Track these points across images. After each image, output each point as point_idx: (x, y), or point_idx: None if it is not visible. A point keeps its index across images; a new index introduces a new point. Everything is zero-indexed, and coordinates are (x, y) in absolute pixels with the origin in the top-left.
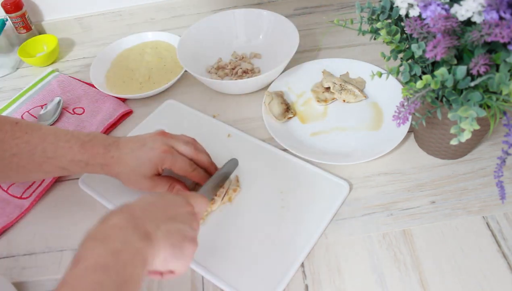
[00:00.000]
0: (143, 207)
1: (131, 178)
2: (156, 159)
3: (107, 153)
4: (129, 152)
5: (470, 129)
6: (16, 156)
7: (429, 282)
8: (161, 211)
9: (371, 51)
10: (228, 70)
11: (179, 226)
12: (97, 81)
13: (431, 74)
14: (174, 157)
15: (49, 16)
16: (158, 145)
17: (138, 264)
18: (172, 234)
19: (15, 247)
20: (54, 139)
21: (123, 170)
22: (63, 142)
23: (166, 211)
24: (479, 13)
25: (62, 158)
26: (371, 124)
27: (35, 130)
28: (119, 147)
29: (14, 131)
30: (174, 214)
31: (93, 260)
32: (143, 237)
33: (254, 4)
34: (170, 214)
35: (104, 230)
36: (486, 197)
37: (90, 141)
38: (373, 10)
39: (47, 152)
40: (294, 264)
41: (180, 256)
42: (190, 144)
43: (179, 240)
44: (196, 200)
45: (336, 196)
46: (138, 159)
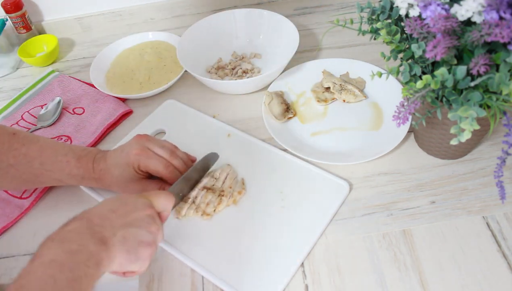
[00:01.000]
0: (102, 213)
1: (120, 186)
2: (132, 161)
3: (97, 167)
4: (112, 161)
5: (470, 129)
6: (13, 167)
7: (429, 282)
8: (120, 217)
9: (371, 51)
10: (228, 70)
11: (136, 231)
12: (97, 81)
13: (431, 74)
14: (147, 158)
15: (49, 16)
16: (133, 148)
17: (91, 265)
18: (127, 240)
19: (15, 247)
20: (52, 153)
21: (111, 181)
22: (61, 156)
23: (124, 216)
24: (479, 13)
25: (59, 172)
26: (371, 124)
27: (33, 143)
28: (105, 159)
29: (11, 143)
30: (132, 220)
31: (49, 257)
32: (99, 242)
33: (254, 4)
34: (128, 219)
35: (62, 233)
36: (486, 197)
37: (86, 157)
38: (373, 10)
39: (45, 165)
40: (294, 264)
41: (135, 260)
42: (166, 148)
43: (134, 246)
44: (159, 199)
45: (336, 196)
46: (119, 165)
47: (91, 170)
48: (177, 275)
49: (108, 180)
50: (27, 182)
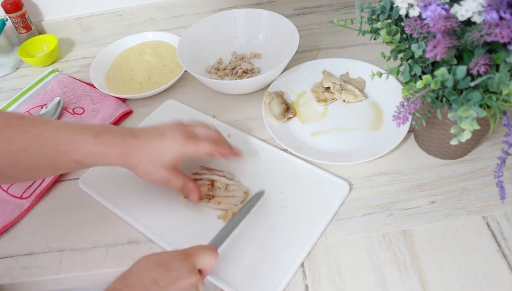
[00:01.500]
0: (143, 285)
1: (148, 168)
2: (179, 149)
3: (123, 142)
4: (148, 141)
5: (470, 129)
6: (25, 151)
7: (429, 282)
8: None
9: (371, 51)
10: (228, 70)
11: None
12: (97, 81)
13: (431, 74)
14: (196, 142)
15: (49, 16)
16: (179, 135)
17: None
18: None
19: (15, 247)
20: (67, 132)
21: (142, 159)
22: (76, 135)
23: (167, 288)
24: (479, 13)
25: (77, 151)
26: (371, 124)
27: (44, 124)
28: (136, 136)
29: (21, 126)
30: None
31: None
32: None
33: (254, 4)
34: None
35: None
36: (486, 197)
37: (104, 132)
38: (373, 10)
39: (60, 145)
40: (294, 264)
41: None
42: (209, 128)
43: None
44: (205, 259)
45: (336, 196)
46: (159, 147)
47: (114, 144)
48: None
49: (137, 158)
50: (42, 168)
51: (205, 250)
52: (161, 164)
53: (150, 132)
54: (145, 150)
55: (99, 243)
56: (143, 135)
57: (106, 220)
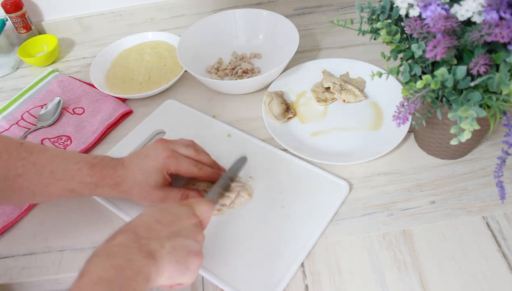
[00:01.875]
0: (148, 225)
1: (141, 192)
2: (161, 165)
3: (114, 173)
4: (134, 166)
5: (470, 129)
6: (21, 176)
7: (429, 282)
8: (166, 227)
9: (371, 51)
10: (228, 70)
11: (183, 241)
12: (97, 81)
13: (431, 74)
14: (178, 160)
15: (49, 16)
16: (160, 151)
17: (140, 281)
18: (176, 251)
19: (15, 247)
20: (63, 161)
21: (132, 186)
22: (72, 164)
23: (170, 226)
24: (479, 13)
25: (71, 180)
26: (371, 124)
27: (42, 152)
28: (124, 164)
29: (19, 152)
30: (179, 229)
31: (97, 274)
32: (147, 255)
33: (254, 4)
34: (175, 229)
35: (109, 247)
36: (486, 197)
37: (99, 164)
38: (373, 10)
39: (55, 173)
40: (294, 264)
41: (185, 271)
42: (190, 147)
43: (183, 256)
44: (202, 208)
45: (336, 196)
46: (144, 170)
47: (107, 176)
48: None
49: (127, 186)
50: (36, 194)
51: (201, 200)
52: (150, 185)
53: (136, 157)
54: (133, 176)
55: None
56: (130, 162)
57: (106, 220)
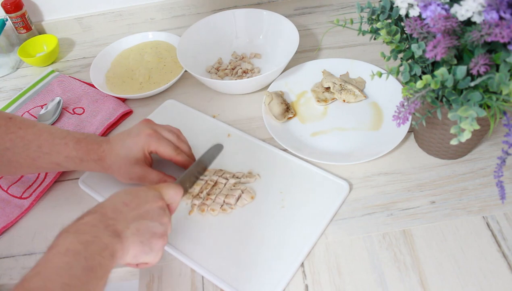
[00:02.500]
0: (115, 206)
1: (121, 168)
2: (142, 142)
3: (99, 148)
4: (118, 142)
5: (470, 129)
6: (10, 150)
7: (429, 282)
8: (132, 209)
9: (371, 51)
10: (228, 70)
11: (148, 223)
12: (97, 81)
13: (431, 74)
14: (159, 140)
15: (49, 16)
16: (143, 129)
17: (106, 256)
18: (140, 233)
19: (15, 247)
20: (50, 136)
21: (114, 161)
22: (59, 139)
23: (137, 209)
24: (479, 13)
25: (57, 154)
26: (371, 124)
27: (30, 127)
28: (109, 141)
29: (8, 127)
30: (145, 212)
31: (64, 247)
32: (113, 234)
33: (254, 4)
34: (141, 212)
35: (77, 225)
36: (486, 197)
37: (85, 139)
38: (373, 10)
39: (42, 147)
40: (294, 264)
41: (149, 252)
42: (174, 133)
43: (147, 238)
44: (169, 192)
45: (336, 196)
46: (126, 146)
47: (91, 151)
48: (177, 275)
49: (110, 161)
50: (23, 166)
51: (169, 184)
52: (130, 159)
53: (120, 134)
54: (116, 151)
55: None
56: (114, 139)
57: None
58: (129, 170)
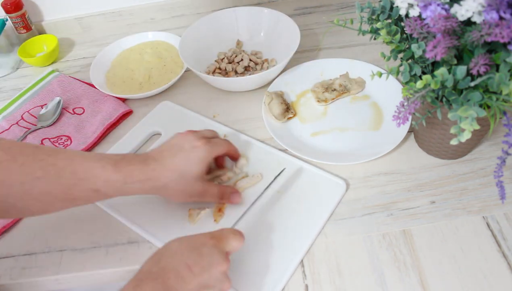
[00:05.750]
0: (178, 272)
1: (180, 185)
2: (204, 154)
3: (146, 167)
4: (172, 158)
5: (470, 129)
6: (41, 180)
7: (429, 282)
8: (195, 276)
9: (371, 51)
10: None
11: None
12: (97, 81)
13: (431, 74)
14: (216, 144)
15: (49, 16)
16: (197, 141)
17: None
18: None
19: (15, 247)
20: (84, 160)
21: (172, 178)
22: (94, 162)
23: (200, 275)
24: (479, 13)
25: (95, 179)
26: (371, 124)
27: (60, 153)
28: (156, 158)
29: (36, 154)
30: (207, 279)
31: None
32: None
33: (254, 4)
34: (204, 280)
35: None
36: (486, 197)
37: (123, 160)
38: (373, 10)
39: (77, 173)
40: (292, 263)
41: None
42: (211, 131)
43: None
44: (232, 243)
45: (333, 195)
46: (186, 161)
47: (136, 171)
48: None
49: (165, 179)
50: (56, 198)
51: (233, 234)
52: (193, 177)
53: (168, 149)
54: (172, 168)
55: (99, 243)
56: (162, 155)
57: (106, 220)
58: (190, 186)
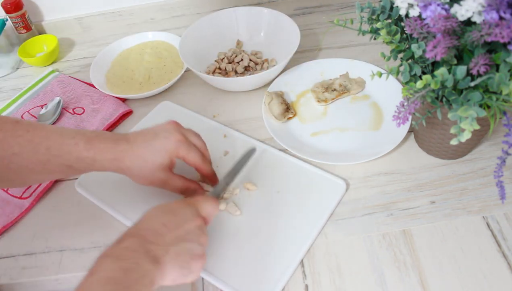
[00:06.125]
0: (155, 229)
1: (143, 171)
2: (171, 147)
3: (116, 147)
4: (141, 143)
5: (470, 129)
6: (18, 155)
7: (429, 282)
8: (172, 231)
9: (371, 51)
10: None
11: (187, 246)
12: (97, 81)
13: (431, 74)
14: (189, 147)
15: (49, 16)
16: (172, 133)
17: (146, 283)
18: (180, 256)
19: (15, 247)
20: (59, 137)
21: (136, 162)
22: (68, 139)
23: (176, 230)
24: (479, 13)
25: (68, 155)
26: (371, 124)
27: (37, 129)
28: (129, 140)
29: (15, 130)
30: (184, 233)
31: (105, 274)
32: (153, 260)
33: (254, 4)
34: (180, 233)
35: (117, 250)
36: (486, 197)
37: (97, 137)
38: (373, 10)
39: (51, 149)
40: (292, 263)
41: (188, 274)
42: (200, 139)
43: (187, 261)
44: (207, 207)
45: (333, 195)
46: (152, 148)
47: (106, 149)
48: None
49: (130, 162)
50: (34, 172)
51: (206, 198)
52: (156, 165)
53: (143, 134)
54: (139, 153)
55: (99, 243)
56: (136, 139)
57: (106, 220)
58: (152, 174)
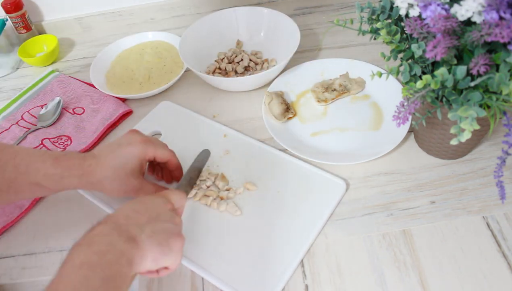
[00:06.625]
0: (126, 214)
1: (115, 181)
2: (138, 150)
3: (83, 163)
4: (108, 155)
5: (470, 129)
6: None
7: (429, 282)
8: (143, 214)
9: (371, 51)
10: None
11: (163, 224)
12: (97, 81)
13: (431, 74)
14: (154, 145)
15: (49, 16)
16: (134, 138)
17: (123, 264)
18: (157, 234)
19: (15, 247)
20: (26, 155)
21: (106, 174)
22: (36, 157)
23: (148, 213)
24: (479, 13)
25: (35, 173)
26: (371, 124)
27: (6, 149)
28: (95, 155)
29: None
30: (156, 215)
31: (79, 260)
32: (128, 239)
33: (254, 4)
34: (152, 215)
35: (88, 237)
36: (486, 197)
37: (64, 155)
38: (373, 10)
39: (19, 167)
40: (292, 263)
41: (169, 252)
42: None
43: (165, 238)
44: (175, 197)
45: (333, 195)
46: (120, 156)
47: (73, 166)
48: (177, 275)
49: (100, 175)
50: (3, 192)
51: (173, 190)
52: (127, 173)
53: (108, 146)
54: (108, 164)
55: None
56: (101, 152)
57: None
58: (125, 182)
